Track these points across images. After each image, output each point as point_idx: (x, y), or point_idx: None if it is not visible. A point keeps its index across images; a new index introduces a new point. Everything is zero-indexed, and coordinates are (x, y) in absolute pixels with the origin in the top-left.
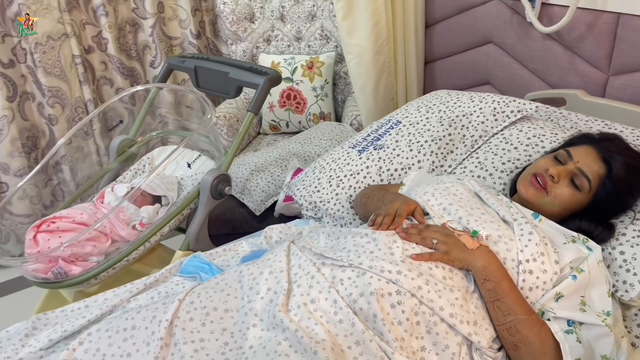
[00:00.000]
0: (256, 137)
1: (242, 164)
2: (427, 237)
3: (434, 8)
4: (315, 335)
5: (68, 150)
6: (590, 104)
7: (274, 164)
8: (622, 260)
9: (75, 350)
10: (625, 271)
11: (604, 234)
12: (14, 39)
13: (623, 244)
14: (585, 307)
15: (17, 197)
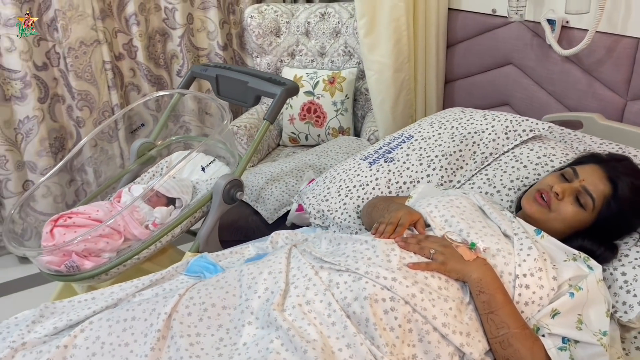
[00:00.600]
0: (275, 149)
1: (258, 173)
2: (425, 247)
3: (456, 28)
4: (307, 335)
5: (93, 152)
6: (607, 128)
7: (289, 174)
8: (623, 281)
9: (76, 337)
10: (626, 292)
11: (606, 254)
12: (49, 43)
13: (625, 265)
14: (581, 326)
15: (41, 194)
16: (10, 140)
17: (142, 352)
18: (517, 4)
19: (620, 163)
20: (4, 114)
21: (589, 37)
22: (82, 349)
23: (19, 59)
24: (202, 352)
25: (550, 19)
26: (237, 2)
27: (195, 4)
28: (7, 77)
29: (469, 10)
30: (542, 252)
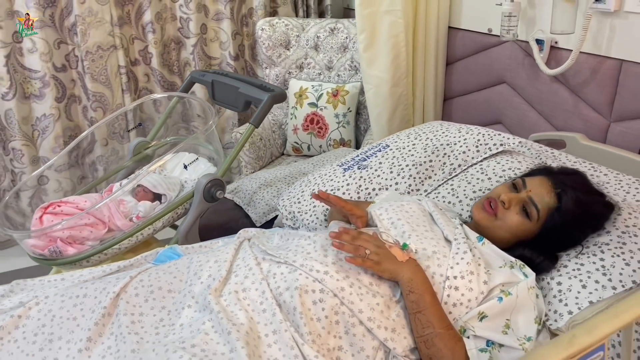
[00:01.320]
0: (279, 157)
1: (254, 178)
2: (360, 247)
3: (456, 47)
4: (236, 319)
5: (104, 151)
6: (588, 148)
7: (282, 180)
8: (558, 291)
9: (30, 308)
10: (558, 301)
11: (545, 264)
12: (68, 46)
13: (562, 275)
14: (508, 330)
15: (52, 189)
16: (27, 135)
17: (87, 326)
18: (508, 23)
19: (569, 176)
20: (22, 110)
21: (573, 57)
22: (34, 319)
23: (39, 60)
24: (142, 330)
25: (539, 39)
26: (250, 15)
27: (209, 15)
28: (28, 76)
29: (467, 29)
30: (477, 257)
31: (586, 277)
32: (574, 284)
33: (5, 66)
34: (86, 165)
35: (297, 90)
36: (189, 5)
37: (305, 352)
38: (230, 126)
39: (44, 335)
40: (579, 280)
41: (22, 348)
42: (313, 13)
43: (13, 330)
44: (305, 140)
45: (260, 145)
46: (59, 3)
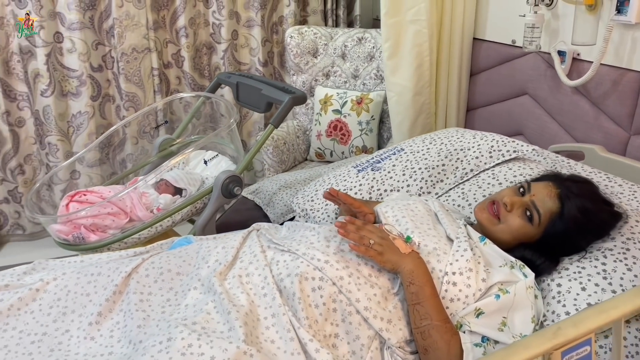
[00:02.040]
0: (302, 162)
1: (274, 180)
2: (364, 236)
3: (480, 58)
4: (237, 301)
5: (134, 149)
6: (607, 160)
7: (301, 183)
8: (557, 292)
9: (48, 283)
10: (557, 302)
11: (545, 266)
12: (105, 47)
13: (563, 277)
14: (504, 328)
15: (83, 184)
16: (62, 131)
17: (98, 302)
18: (531, 34)
19: (576, 184)
20: (59, 107)
21: (594, 69)
22: (51, 293)
23: (77, 59)
24: (149, 309)
25: (561, 51)
26: (280, 23)
27: (240, 22)
28: (66, 75)
29: (491, 40)
30: (478, 255)
31: (586, 279)
32: (573, 286)
33: (45, 64)
34: (116, 162)
35: (322, 97)
36: (221, 12)
37: (301, 336)
38: (256, 130)
39: (58, 308)
40: (579, 283)
41: (37, 319)
42: (342, 23)
43: (30, 302)
44: (328, 146)
45: (284, 149)
46: (99, 6)
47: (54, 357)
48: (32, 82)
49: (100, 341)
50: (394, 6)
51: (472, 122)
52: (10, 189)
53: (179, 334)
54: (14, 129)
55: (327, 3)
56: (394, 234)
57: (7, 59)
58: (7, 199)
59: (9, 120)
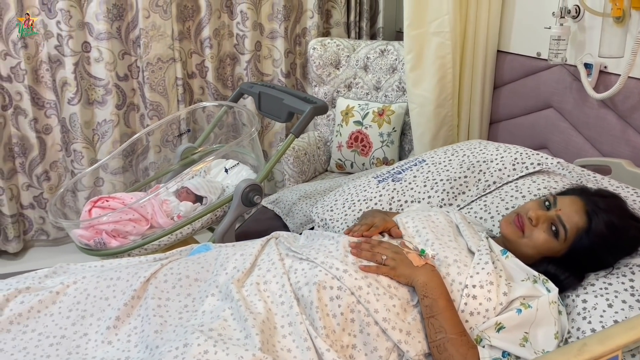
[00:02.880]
0: (323, 173)
1: (294, 190)
2: (377, 253)
3: (504, 70)
4: (255, 308)
5: (157, 158)
6: (634, 175)
7: (321, 193)
8: (582, 308)
9: (68, 286)
10: (582, 318)
11: (570, 281)
12: (131, 57)
13: (588, 293)
14: (525, 343)
15: (106, 191)
16: (87, 139)
17: (117, 306)
18: (557, 47)
19: (604, 199)
20: (85, 115)
21: (621, 82)
22: (70, 297)
23: (104, 68)
24: (166, 314)
25: (588, 63)
26: (303, 35)
27: (264, 33)
28: (93, 83)
29: (516, 53)
30: (499, 269)
31: (613, 296)
32: (599, 303)
33: (73, 73)
34: (139, 170)
35: (343, 109)
36: (245, 23)
37: (318, 345)
38: (277, 140)
39: (77, 312)
40: (605, 299)
41: (56, 321)
42: (365, 35)
43: (50, 304)
44: (349, 157)
45: (305, 160)
46: (126, 17)
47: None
48: (60, 91)
49: (118, 345)
50: (417, 18)
51: (496, 135)
52: (36, 194)
53: (195, 340)
54: (41, 136)
55: (350, 15)
56: (409, 247)
57: (36, 67)
58: (32, 204)
59: (37, 127)
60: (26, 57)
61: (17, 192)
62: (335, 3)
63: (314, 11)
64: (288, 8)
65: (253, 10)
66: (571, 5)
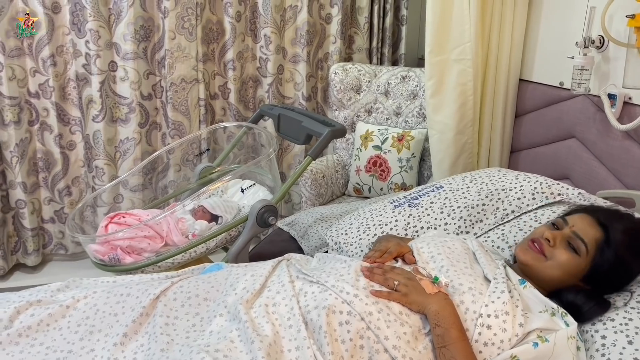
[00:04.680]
0: (340, 197)
1: (310, 212)
2: (389, 278)
3: (526, 99)
4: (262, 330)
5: (176, 177)
6: None
7: (337, 216)
8: (601, 345)
9: (79, 301)
10: (601, 355)
11: (594, 310)
12: (156, 77)
13: (608, 329)
14: None
15: (125, 207)
16: (109, 156)
17: (125, 323)
18: (580, 76)
19: (611, 212)
20: (109, 132)
21: None
22: (80, 311)
23: (129, 87)
24: (174, 333)
25: (612, 94)
26: (325, 59)
27: (287, 57)
28: (117, 101)
29: (538, 82)
30: (516, 298)
31: (633, 332)
32: (619, 339)
33: (99, 91)
34: (159, 188)
35: (363, 133)
36: (268, 47)
37: None
38: (296, 163)
39: (86, 327)
40: (625, 336)
41: (64, 336)
42: (387, 61)
43: (60, 318)
44: (367, 182)
45: (322, 182)
46: (152, 38)
47: None
48: (85, 108)
49: None
50: (438, 45)
51: (516, 164)
52: (57, 209)
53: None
54: (64, 151)
55: (372, 41)
56: (422, 274)
57: (63, 84)
58: (52, 218)
59: (61, 142)
60: (54, 74)
61: (39, 206)
62: (358, 29)
63: (337, 37)
64: (311, 33)
65: (277, 34)
66: (595, 35)
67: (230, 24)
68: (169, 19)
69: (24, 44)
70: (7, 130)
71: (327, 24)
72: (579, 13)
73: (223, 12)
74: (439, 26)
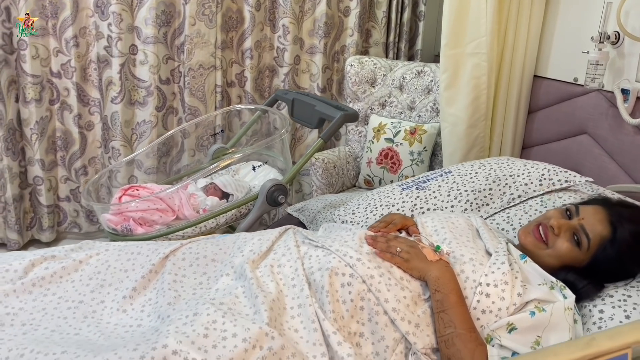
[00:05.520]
0: (350, 188)
1: (320, 199)
2: (392, 245)
3: (539, 95)
4: (266, 287)
5: (190, 161)
6: None
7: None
8: (599, 318)
9: (91, 257)
10: (597, 328)
11: (588, 290)
12: (175, 62)
13: (606, 304)
14: (537, 347)
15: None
16: (126, 137)
17: (134, 278)
18: (594, 71)
19: (627, 209)
20: (126, 114)
21: None
22: (92, 266)
23: (148, 71)
24: (181, 289)
25: (625, 89)
26: (342, 52)
27: (304, 48)
28: (136, 85)
29: (552, 78)
30: (516, 270)
31: (631, 308)
32: (616, 314)
33: (119, 73)
34: (172, 172)
35: (376, 125)
36: (286, 37)
37: (325, 327)
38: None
39: (97, 280)
40: (623, 311)
41: (76, 288)
42: (403, 56)
43: (73, 272)
44: (378, 173)
45: (334, 172)
46: (173, 23)
47: (87, 323)
48: (105, 89)
49: (131, 314)
50: (454, 38)
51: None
52: (73, 188)
53: (205, 310)
54: (83, 131)
55: (389, 36)
56: (424, 243)
57: (85, 66)
58: (68, 197)
59: (80, 123)
60: (76, 55)
61: (56, 183)
62: (376, 23)
63: (354, 30)
64: (329, 25)
65: (295, 25)
66: (611, 31)
67: (250, 12)
68: (190, 5)
69: (49, 24)
70: (28, 107)
71: (345, 16)
72: (596, 8)
73: (243, 0)
74: (456, 19)
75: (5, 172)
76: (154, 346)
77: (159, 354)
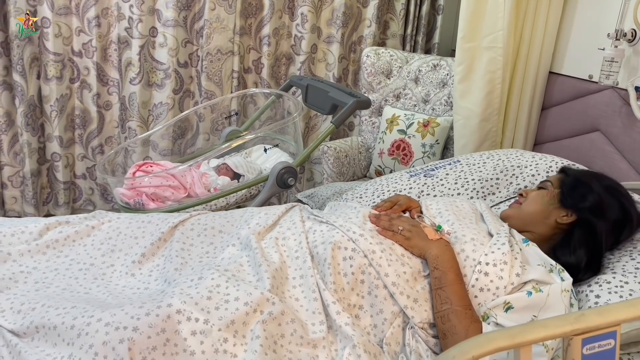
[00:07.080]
0: (360, 178)
1: (330, 186)
2: (394, 224)
3: (553, 92)
4: (270, 257)
5: (205, 145)
6: None
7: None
8: (594, 303)
9: (103, 223)
10: None
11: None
12: (193, 46)
13: (603, 290)
14: None
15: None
16: (142, 118)
17: (144, 245)
18: (609, 68)
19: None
20: (144, 95)
21: None
22: (104, 232)
23: (167, 54)
24: (188, 257)
25: (639, 87)
26: (359, 42)
27: (321, 37)
28: (155, 67)
29: (567, 75)
30: (516, 252)
31: (627, 294)
32: (612, 299)
33: (138, 55)
34: (186, 154)
35: (389, 117)
36: (304, 26)
37: (325, 297)
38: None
39: (108, 246)
40: (619, 296)
41: (88, 251)
42: (419, 49)
43: (85, 236)
44: (389, 165)
45: (345, 162)
46: (193, 7)
47: (96, 284)
48: (124, 70)
49: (139, 278)
50: (471, 31)
51: None
52: (89, 166)
53: (209, 275)
54: (101, 111)
55: (407, 28)
56: (425, 222)
57: (105, 46)
58: (84, 175)
59: (98, 102)
60: (98, 35)
61: (73, 161)
62: (394, 15)
63: (372, 21)
64: (347, 15)
65: (313, 13)
66: (628, 28)
67: (269, 0)
68: None
69: (72, 3)
70: (49, 84)
71: (364, 7)
72: (614, 5)
73: None
74: (473, 12)
75: (25, 147)
76: (159, 304)
77: (164, 312)
